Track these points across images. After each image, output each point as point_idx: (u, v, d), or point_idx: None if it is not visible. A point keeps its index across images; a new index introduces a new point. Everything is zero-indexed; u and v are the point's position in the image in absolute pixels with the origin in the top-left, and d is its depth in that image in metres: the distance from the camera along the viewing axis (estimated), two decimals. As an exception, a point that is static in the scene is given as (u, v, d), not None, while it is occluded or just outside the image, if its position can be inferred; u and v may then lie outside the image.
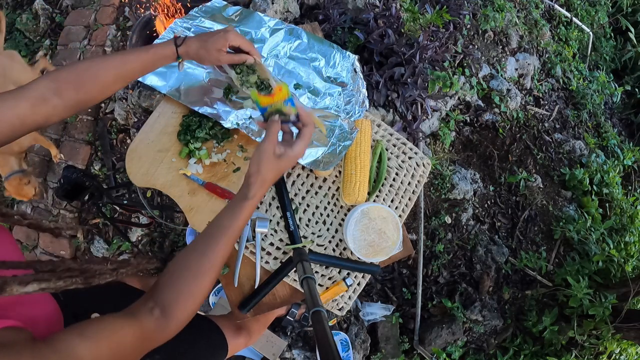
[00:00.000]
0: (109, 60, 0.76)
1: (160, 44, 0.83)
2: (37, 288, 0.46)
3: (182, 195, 0.98)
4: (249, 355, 1.66)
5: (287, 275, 0.96)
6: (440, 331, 1.80)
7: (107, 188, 1.79)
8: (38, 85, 0.67)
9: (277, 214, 1.01)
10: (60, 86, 0.69)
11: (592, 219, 2.22)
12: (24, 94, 0.65)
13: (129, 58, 0.78)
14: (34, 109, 0.65)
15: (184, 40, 0.83)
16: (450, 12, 1.91)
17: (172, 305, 0.61)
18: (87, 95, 0.73)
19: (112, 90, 0.78)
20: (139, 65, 0.79)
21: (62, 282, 0.48)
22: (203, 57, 0.85)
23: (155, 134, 1.02)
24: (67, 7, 2.35)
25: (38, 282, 0.46)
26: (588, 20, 3.33)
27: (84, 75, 0.72)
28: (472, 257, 2.05)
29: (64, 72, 0.71)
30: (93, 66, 0.74)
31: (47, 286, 0.47)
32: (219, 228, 0.68)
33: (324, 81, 1.10)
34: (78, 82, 0.71)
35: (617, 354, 1.92)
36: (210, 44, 0.83)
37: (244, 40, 0.86)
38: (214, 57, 0.85)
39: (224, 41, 0.83)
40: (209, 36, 0.84)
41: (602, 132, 2.82)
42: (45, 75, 0.70)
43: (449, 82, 1.93)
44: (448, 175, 2.08)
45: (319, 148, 1.01)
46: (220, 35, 0.83)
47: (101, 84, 0.75)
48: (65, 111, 0.70)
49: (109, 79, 0.75)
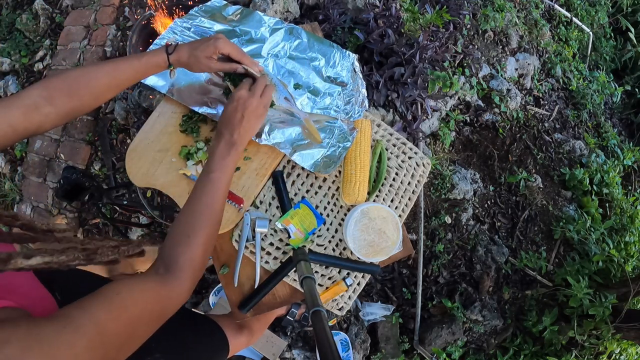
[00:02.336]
0: (101, 68, 0.77)
1: (152, 52, 0.83)
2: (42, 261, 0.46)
3: (182, 195, 0.98)
4: (249, 355, 1.66)
5: (287, 275, 0.96)
6: (440, 331, 1.80)
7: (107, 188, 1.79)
8: (30, 93, 0.68)
9: (277, 214, 1.01)
10: (53, 94, 0.70)
11: (592, 219, 2.22)
12: (15, 102, 0.66)
13: (121, 66, 0.78)
14: (26, 116, 0.66)
15: (175, 48, 0.84)
16: (450, 12, 1.91)
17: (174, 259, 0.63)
18: (80, 103, 0.74)
19: (105, 98, 0.79)
20: (131, 74, 0.80)
21: (65, 256, 0.49)
22: (193, 65, 0.86)
23: (155, 134, 1.02)
24: (67, 7, 2.35)
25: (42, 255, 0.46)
26: (588, 20, 3.33)
27: (76, 84, 0.73)
28: (472, 257, 2.05)
29: (57, 80, 0.71)
30: (85, 74, 0.75)
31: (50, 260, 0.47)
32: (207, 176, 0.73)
33: (324, 81, 1.10)
34: (70, 90, 0.72)
35: (617, 354, 1.92)
36: (199, 52, 0.83)
37: (234, 49, 0.86)
38: (204, 65, 0.85)
39: (213, 49, 0.83)
40: (199, 43, 0.84)
41: (602, 132, 2.82)
42: (38, 83, 0.71)
43: (449, 82, 1.93)
44: (448, 175, 2.08)
45: (319, 149, 1.01)
46: (210, 43, 0.83)
47: (93, 92, 0.75)
48: (58, 119, 0.71)
49: (101, 87, 0.76)
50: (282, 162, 1.05)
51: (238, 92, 0.81)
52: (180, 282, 0.61)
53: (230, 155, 0.77)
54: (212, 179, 0.73)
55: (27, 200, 2.08)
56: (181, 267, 0.62)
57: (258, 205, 1.01)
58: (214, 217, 0.72)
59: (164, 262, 0.63)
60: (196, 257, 0.66)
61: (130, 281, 0.55)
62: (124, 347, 0.50)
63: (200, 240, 0.67)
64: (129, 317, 0.51)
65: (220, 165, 0.75)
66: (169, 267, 0.62)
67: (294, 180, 1.04)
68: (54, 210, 2.02)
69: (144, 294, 0.54)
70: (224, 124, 0.80)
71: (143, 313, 0.53)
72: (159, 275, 0.60)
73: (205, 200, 0.71)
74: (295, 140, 1.00)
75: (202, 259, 0.68)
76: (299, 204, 1.00)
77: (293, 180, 1.04)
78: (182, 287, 0.61)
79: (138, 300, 0.53)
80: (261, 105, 0.82)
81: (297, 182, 1.04)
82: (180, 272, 0.62)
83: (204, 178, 0.74)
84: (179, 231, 0.67)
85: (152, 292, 0.56)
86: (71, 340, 0.43)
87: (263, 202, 1.01)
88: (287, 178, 1.04)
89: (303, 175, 1.05)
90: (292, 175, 1.05)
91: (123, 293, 0.52)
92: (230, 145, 0.77)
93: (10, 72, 2.33)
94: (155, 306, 0.56)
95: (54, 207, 2.03)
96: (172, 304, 0.59)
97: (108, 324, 0.47)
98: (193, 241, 0.66)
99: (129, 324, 0.50)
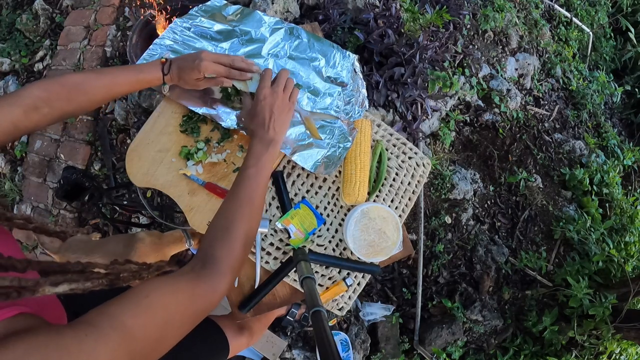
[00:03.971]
0: (99, 77, 0.79)
1: (149, 68, 0.86)
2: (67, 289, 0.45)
3: (182, 195, 0.98)
4: (249, 355, 1.66)
5: (287, 275, 0.96)
6: (440, 331, 1.80)
7: (107, 188, 1.79)
8: (30, 94, 0.70)
9: (277, 214, 1.01)
10: (52, 97, 0.72)
11: (592, 219, 2.22)
12: (17, 101, 0.68)
13: (118, 79, 0.81)
14: (26, 115, 0.68)
15: (170, 68, 0.86)
16: (450, 12, 1.91)
17: (212, 253, 0.62)
18: (77, 107, 0.77)
19: (100, 104, 0.83)
20: (127, 87, 0.83)
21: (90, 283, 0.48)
22: (183, 85, 0.90)
23: (155, 134, 1.02)
24: (67, 7, 2.35)
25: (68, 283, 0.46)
26: (588, 20, 3.33)
27: (75, 90, 0.76)
28: (472, 257, 2.05)
29: (56, 85, 0.74)
30: (84, 83, 0.77)
31: (76, 287, 0.47)
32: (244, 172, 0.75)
33: (324, 81, 1.10)
34: (69, 96, 0.75)
35: (617, 354, 1.92)
36: (186, 75, 0.86)
37: (218, 68, 0.87)
38: (193, 85, 0.89)
39: (197, 72, 0.85)
40: (185, 64, 0.86)
41: (602, 132, 2.82)
42: (37, 82, 0.73)
43: (449, 82, 1.93)
44: (448, 175, 2.08)
45: (319, 150, 1.01)
46: (194, 66, 0.85)
47: (90, 100, 0.79)
48: (54, 119, 0.74)
49: (98, 96, 0.80)
50: (282, 162, 1.05)
51: (262, 92, 0.84)
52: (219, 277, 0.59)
53: (268, 152, 0.79)
54: (249, 175, 0.74)
55: (27, 200, 2.08)
56: (219, 261, 0.60)
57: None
58: (254, 212, 0.72)
59: (201, 258, 0.61)
60: (235, 250, 0.64)
61: (161, 282, 0.52)
62: (153, 353, 0.48)
63: (239, 234, 0.66)
64: (159, 321, 0.48)
65: (256, 161, 0.77)
66: (206, 262, 0.60)
67: (294, 180, 1.04)
68: (54, 210, 2.02)
69: (175, 296, 0.52)
70: (256, 124, 0.82)
71: (174, 316, 0.51)
72: (194, 272, 0.57)
73: (243, 194, 0.71)
74: (295, 141, 1.00)
75: (241, 254, 0.66)
76: (299, 204, 1.00)
77: (293, 180, 1.04)
78: (220, 283, 0.59)
79: (169, 303, 0.50)
80: (287, 99, 0.86)
81: (297, 182, 1.04)
82: (218, 266, 0.60)
83: (242, 174, 0.75)
84: (217, 226, 0.67)
85: (186, 293, 0.54)
86: (93, 349, 0.41)
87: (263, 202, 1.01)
88: (287, 178, 1.04)
89: (303, 176, 1.05)
90: (292, 175, 1.05)
91: (152, 296, 0.49)
92: (266, 142, 0.80)
93: (10, 72, 2.33)
94: (189, 307, 0.53)
95: (54, 207, 2.03)
96: (209, 302, 0.57)
97: (135, 330, 0.45)
98: (232, 235, 0.65)
99: (158, 329, 0.48)
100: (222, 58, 0.87)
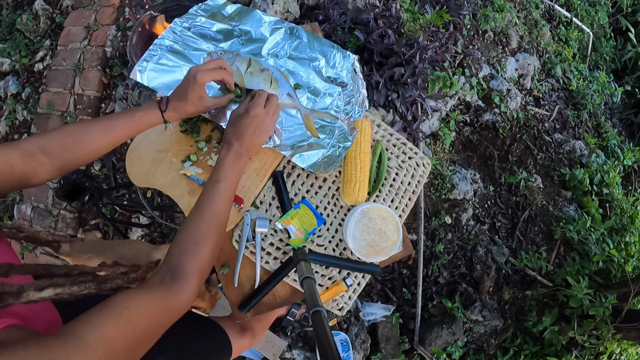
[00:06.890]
0: (95, 125, 0.79)
1: (145, 109, 0.84)
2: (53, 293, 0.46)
3: (182, 196, 0.98)
4: (249, 356, 1.66)
5: (287, 275, 0.96)
6: (441, 331, 1.80)
7: (107, 188, 1.79)
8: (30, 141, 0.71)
9: (277, 214, 1.01)
10: (49, 144, 0.72)
11: (592, 219, 2.22)
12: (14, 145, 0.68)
13: (114, 124, 0.80)
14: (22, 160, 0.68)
15: (167, 104, 0.84)
16: (450, 12, 1.91)
17: (180, 266, 0.63)
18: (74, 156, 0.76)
19: (99, 153, 0.80)
20: (125, 132, 0.82)
21: (77, 287, 0.49)
22: (193, 113, 0.88)
23: (155, 134, 1.02)
24: (67, 8, 2.35)
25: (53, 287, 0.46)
26: (588, 20, 3.33)
27: (70, 137, 0.75)
28: (472, 257, 2.05)
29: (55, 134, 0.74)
30: (80, 129, 0.77)
31: (62, 291, 0.47)
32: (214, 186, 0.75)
33: (324, 81, 1.10)
34: (65, 143, 0.74)
35: (618, 354, 1.92)
36: (189, 100, 0.84)
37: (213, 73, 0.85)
38: (202, 107, 0.87)
39: (198, 89, 0.83)
40: (182, 92, 0.84)
41: (602, 132, 2.82)
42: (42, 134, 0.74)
43: (449, 82, 1.93)
44: (448, 175, 2.08)
45: (318, 151, 1.01)
46: (190, 87, 0.82)
47: (87, 148, 0.77)
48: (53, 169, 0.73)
49: (95, 143, 0.78)
50: (282, 163, 1.05)
51: (254, 110, 0.83)
52: (187, 290, 0.62)
53: (239, 165, 0.80)
54: (219, 189, 0.75)
55: (27, 200, 2.08)
56: (188, 275, 0.63)
57: (258, 205, 1.01)
58: (221, 225, 0.74)
59: (170, 270, 0.63)
60: (203, 265, 0.67)
61: (138, 294, 0.55)
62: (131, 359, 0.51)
63: (208, 248, 0.68)
64: (137, 331, 0.51)
65: (228, 174, 0.77)
66: (175, 275, 0.62)
67: (294, 180, 1.04)
68: (54, 210, 2.02)
69: (151, 307, 0.55)
70: (234, 135, 0.81)
71: (150, 325, 0.53)
72: (164, 284, 0.60)
73: (212, 209, 0.72)
74: (295, 142, 1.00)
75: (208, 266, 0.69)
76: (299, 204, 1.00)
77: (293, 180, 1.04)
78: (188, 295, 0.62)
79: (146, 313, 0.53)
80: (272, 122, 0.87)
81: (297, 182, 1.04)
82: (187, 280, 0.62)
83: (211, 187, 0.75)
84: (186, 239, 0.68)
85: (160, 304, 0.56)
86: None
87: (263, 202, 1.01)
88: (287, 178, 1.04)
89: (303, 176, 1.05)
90: (292, 175, 1.05)
91: (131, 307, 0.51)
92: (239, 156, 0.80)
93: (10, 73, 2.33)
94: (163, 317, 0.56)
95: (54, 208, 2.03)
96: (178, 312, 0.60)
97: (117, 341, 0.47)
98: (201, 249, 0.67)
99: (136, 338, 0.51)
100: (210, 64, 0.86)
